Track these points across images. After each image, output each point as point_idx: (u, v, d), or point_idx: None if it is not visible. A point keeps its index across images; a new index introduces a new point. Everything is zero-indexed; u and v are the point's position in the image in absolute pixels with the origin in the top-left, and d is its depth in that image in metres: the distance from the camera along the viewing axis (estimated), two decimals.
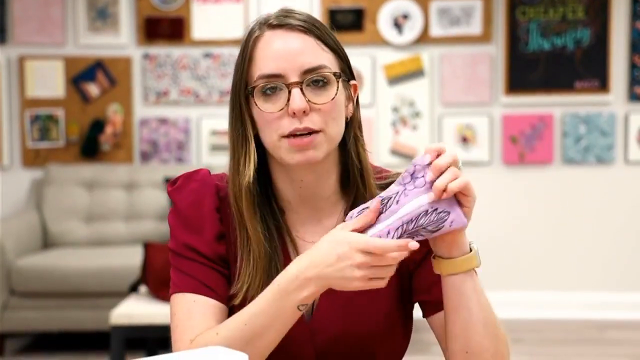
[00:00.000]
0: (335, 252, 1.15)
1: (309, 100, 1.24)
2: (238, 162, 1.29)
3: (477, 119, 4.90)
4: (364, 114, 5.76)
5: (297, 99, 1.23)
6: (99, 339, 4.19)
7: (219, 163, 4.72)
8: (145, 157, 4.98)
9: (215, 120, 4.96)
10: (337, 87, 1.27)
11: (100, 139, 4.90)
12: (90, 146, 4.91)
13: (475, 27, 4.90)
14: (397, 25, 4.91)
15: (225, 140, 4.95)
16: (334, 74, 1.27)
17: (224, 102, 4.97)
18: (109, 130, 4.89)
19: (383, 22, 4.91)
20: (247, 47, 1.29)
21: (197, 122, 4.99)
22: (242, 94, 1.29)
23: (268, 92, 1.26)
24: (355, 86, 1.34)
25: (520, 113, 4.90)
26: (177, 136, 4.97)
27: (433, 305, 1.32)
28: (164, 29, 4.95)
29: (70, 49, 4.97)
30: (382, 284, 1.15)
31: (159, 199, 4.67)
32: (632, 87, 4.85)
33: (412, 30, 4.90)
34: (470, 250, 1.21)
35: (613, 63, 4.85)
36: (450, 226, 1.15)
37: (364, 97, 4.90)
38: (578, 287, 4.90)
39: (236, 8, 4.95)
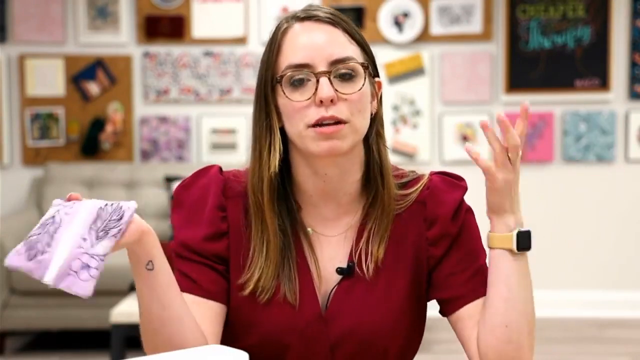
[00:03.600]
0: None
1: (336, 90, 1.25)
2: (261, 154, 1.29)
3: (478, 117, 4.90)
4: None
5: (325, 87, 1.24)
6: (99, 338, 4.19)
7: (219, 162, 4.69)
8: (146, 155, 4.98)
9: (215, 118, 4.96)
10: (365, 79, 1.28)
11: (100, 138, 4.90)
12: (91, 145, 4.91)
13: (475, 25, 4.90)
14: (398, 24, 4.91)
15: (225, 139, 4.96)
16: (362, 64, 1.28)
17: (224, 100, 4.97)
18: (109, 128, 4.89)
19: (383, 20, 4.91)
20: (275, 39, 1.29)
21: (197, 120, 4.99)
22: (269, 85, 1.29)
23: (296, 83, 1.26)
24: (379, 83, 1.35)
25: None
26: (178, 135, 4.97)
27: (452, 302, 1.32)
28: (164, 27, 4.95)
29: (71, 48, 4.97)
30: None
31: (160, 198, 4.66)
32: (632, 85, 4.85)
33: (413, 28, 4.90)
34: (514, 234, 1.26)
35: (613, 61, 4.85)
36: (128, 209, 1.13)
37: None
38: (578, 286, 4.90)
39: (236, 7, 4.95)
